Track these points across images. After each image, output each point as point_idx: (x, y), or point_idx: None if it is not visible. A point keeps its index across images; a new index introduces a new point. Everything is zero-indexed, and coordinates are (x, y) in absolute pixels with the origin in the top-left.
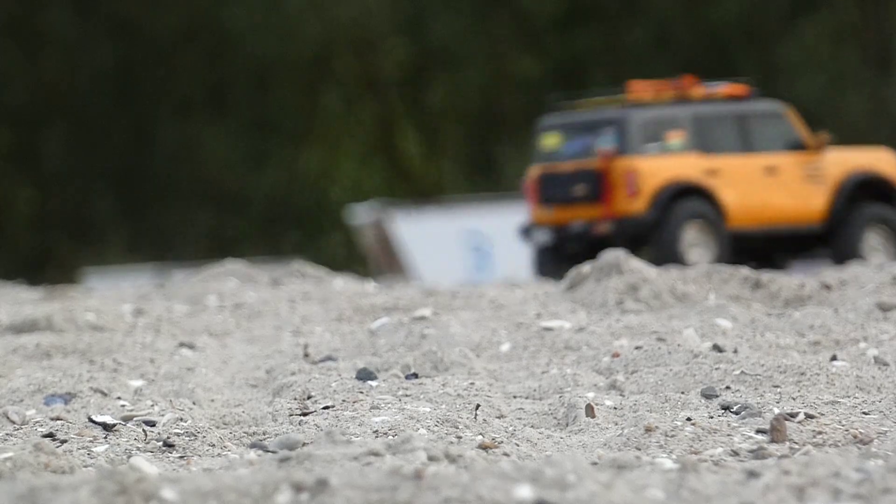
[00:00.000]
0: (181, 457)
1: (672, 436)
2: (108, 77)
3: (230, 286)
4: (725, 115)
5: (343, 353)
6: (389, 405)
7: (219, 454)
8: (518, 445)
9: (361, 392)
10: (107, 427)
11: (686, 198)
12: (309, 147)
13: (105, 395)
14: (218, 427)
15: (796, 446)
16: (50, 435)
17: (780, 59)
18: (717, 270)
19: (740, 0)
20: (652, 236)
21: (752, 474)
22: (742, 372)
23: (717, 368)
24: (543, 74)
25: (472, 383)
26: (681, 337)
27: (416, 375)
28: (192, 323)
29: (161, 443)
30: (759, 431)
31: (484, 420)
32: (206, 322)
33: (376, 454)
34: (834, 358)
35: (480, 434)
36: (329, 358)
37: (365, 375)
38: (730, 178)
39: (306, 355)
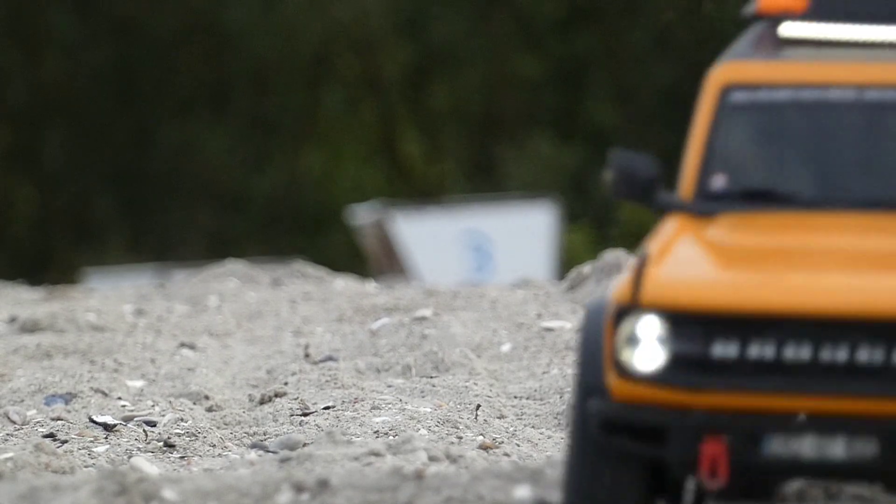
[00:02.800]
0: (182, 457)
1: None
2: (108, 77)
3: (231, 286)
4: None
5: (344, 353)
6: (390, 405)
7: (219, 454)
8: (518, 446)
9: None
10: (107, 427)
11: None
12: (309, 147)
13: (106, 395)
14: (218, 427)
15: None
16: (51, 435)
17: None
18: None
19: (740, 0)
20: None
21: None
22: None
23: None
24: (543, 74)
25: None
26: None
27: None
28: (192, 323)
29: (162, 443)
30: None
31: (484, 420)
32: (206, 322)
33: (377, 454)
34: None
35: (481, 434)
36: (330, 358)
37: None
38: None
39: (307, 356)
